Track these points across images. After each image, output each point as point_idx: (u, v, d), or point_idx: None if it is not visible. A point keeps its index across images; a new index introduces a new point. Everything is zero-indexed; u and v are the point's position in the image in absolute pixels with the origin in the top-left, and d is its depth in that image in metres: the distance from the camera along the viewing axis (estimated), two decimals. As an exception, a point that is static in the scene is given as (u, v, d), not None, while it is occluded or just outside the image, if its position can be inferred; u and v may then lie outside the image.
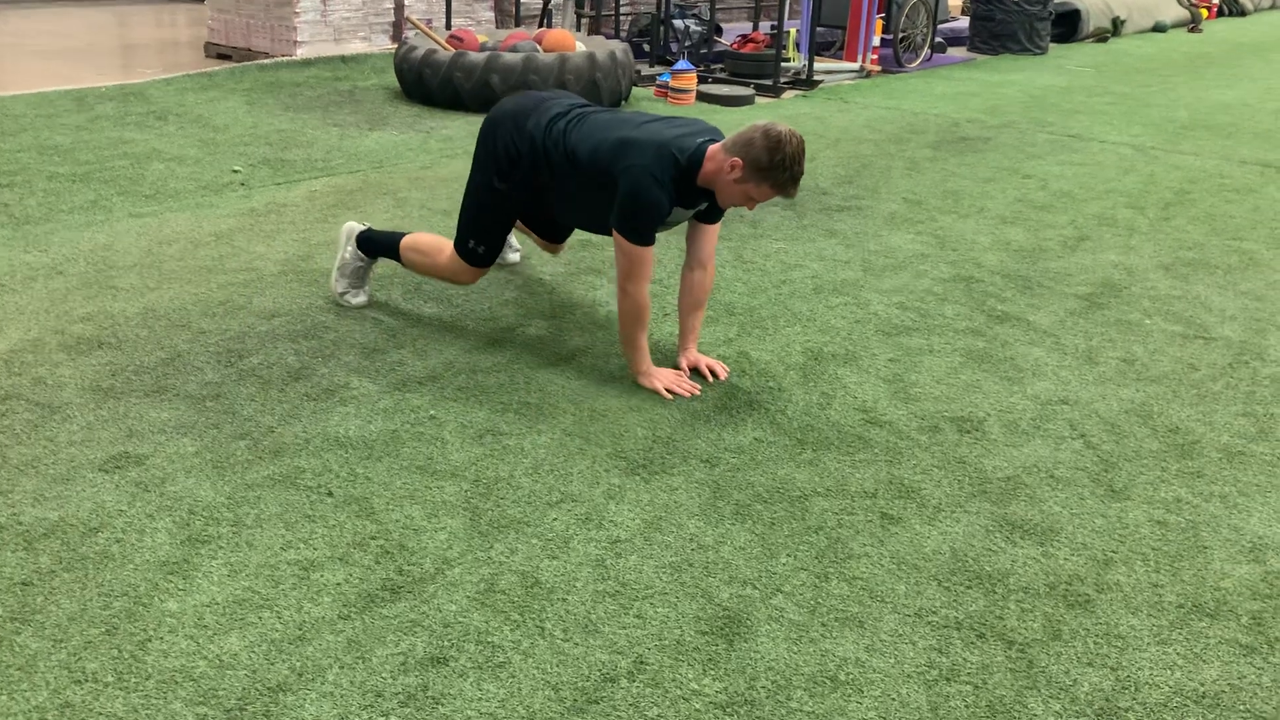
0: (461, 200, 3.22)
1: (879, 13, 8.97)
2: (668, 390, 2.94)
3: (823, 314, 3.61)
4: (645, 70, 8.31)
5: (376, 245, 3.39)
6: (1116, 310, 3.75)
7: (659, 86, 7.58)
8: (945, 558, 2.28)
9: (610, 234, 2.90)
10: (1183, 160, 6.11)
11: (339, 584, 2.10)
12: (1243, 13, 15.96)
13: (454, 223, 4.33)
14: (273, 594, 2.06)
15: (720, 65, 8.54)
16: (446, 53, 6.68)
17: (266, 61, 7.80)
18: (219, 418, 2.73)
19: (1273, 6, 17.23)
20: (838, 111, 7.26)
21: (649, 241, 2.83)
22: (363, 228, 3.43)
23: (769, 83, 7.90)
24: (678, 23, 9.12)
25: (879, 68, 8.99)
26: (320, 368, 3.04)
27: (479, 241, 3.15)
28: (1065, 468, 2.68)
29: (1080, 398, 3.06)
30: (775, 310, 3.61)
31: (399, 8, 8.68)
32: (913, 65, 9.37)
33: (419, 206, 4.62)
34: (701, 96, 7.52)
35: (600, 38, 7.81)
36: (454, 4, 8.98)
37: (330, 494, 2.41)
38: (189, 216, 4.37)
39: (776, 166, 2.68)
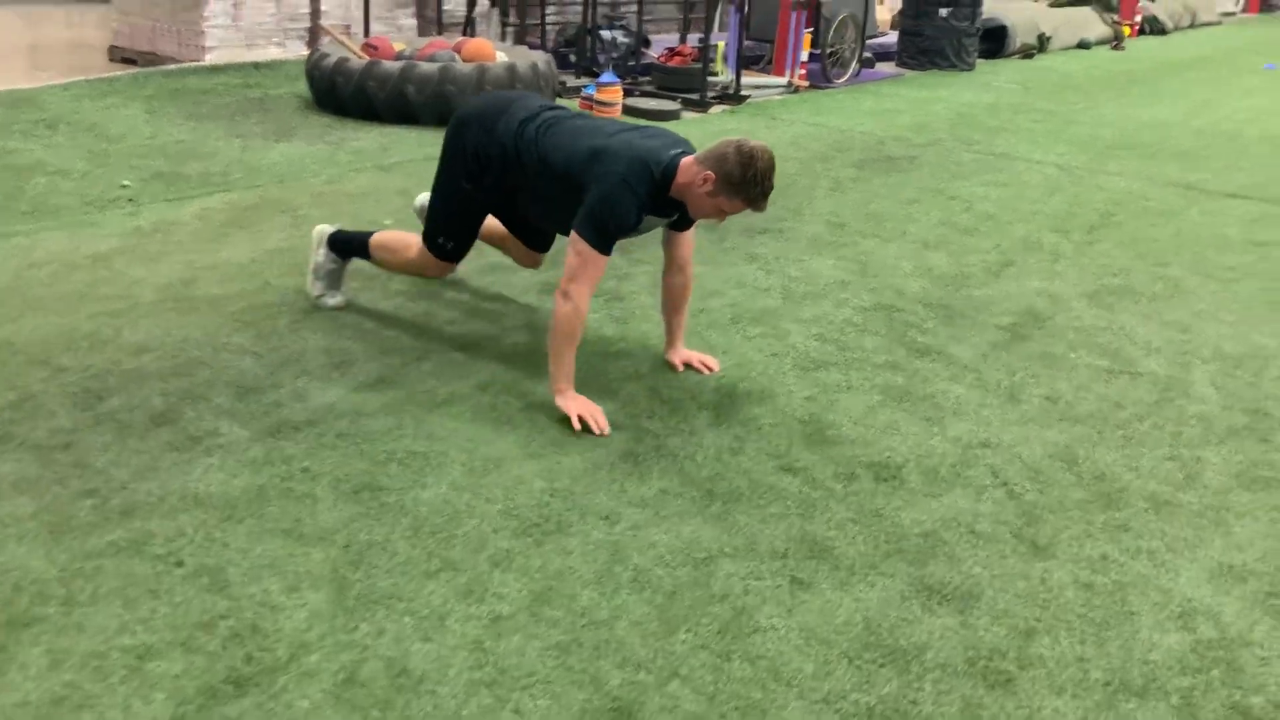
0: (429, 198, 3.24)
1: (807, 27, 8.87)
2: (579, 419, 2.80)
3: (739, 346, 3.43)
4: (571, 82, 8.10)
5: (347, 246, 3.43)
6: (1040, 342, 3.63)
7: (584, 99, 7.37)
8: (858, 629, 2.10)
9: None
10: (1107, 181, 6.07)
11: (176, 676, 1.86)
12: (1163, 31, 16.25)
13: None
14: (97, 690, 1.81)
15: (648, 78, 8.37)
16: (360, 61, 6.41)
17: (172, 67, 7.45)
18: (65, 471, 2.46)
19: (1191, 25, 17.59)
20: (764, 128, 7.12)
21: (607, 250, 2.81)
22: (333, 229, 3.44)
23: (696, 97, 7.75)
24: (605, 34, 8.93)
25: (807, 83, 8.89)
26: (188, 411, 2.78)
27: (448, 237, 3.20)
28: (986, 520, 2.52)
29: (1002, 440, 2.92)
30: (690, 343, 3.41)
31: (315, 13, 8.37)
32: (841, 81, 9.29)
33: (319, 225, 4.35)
34: (627, 110, 7.33)
35: (524, 48, 7.60)
36: (374, 10, 8.69)
37: (180, 563, 2.16)
38: (66, 236, 4.06)
39: (748, 182, 2.72)
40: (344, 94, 6.41)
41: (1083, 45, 13.52)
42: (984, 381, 3.28)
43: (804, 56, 8.89)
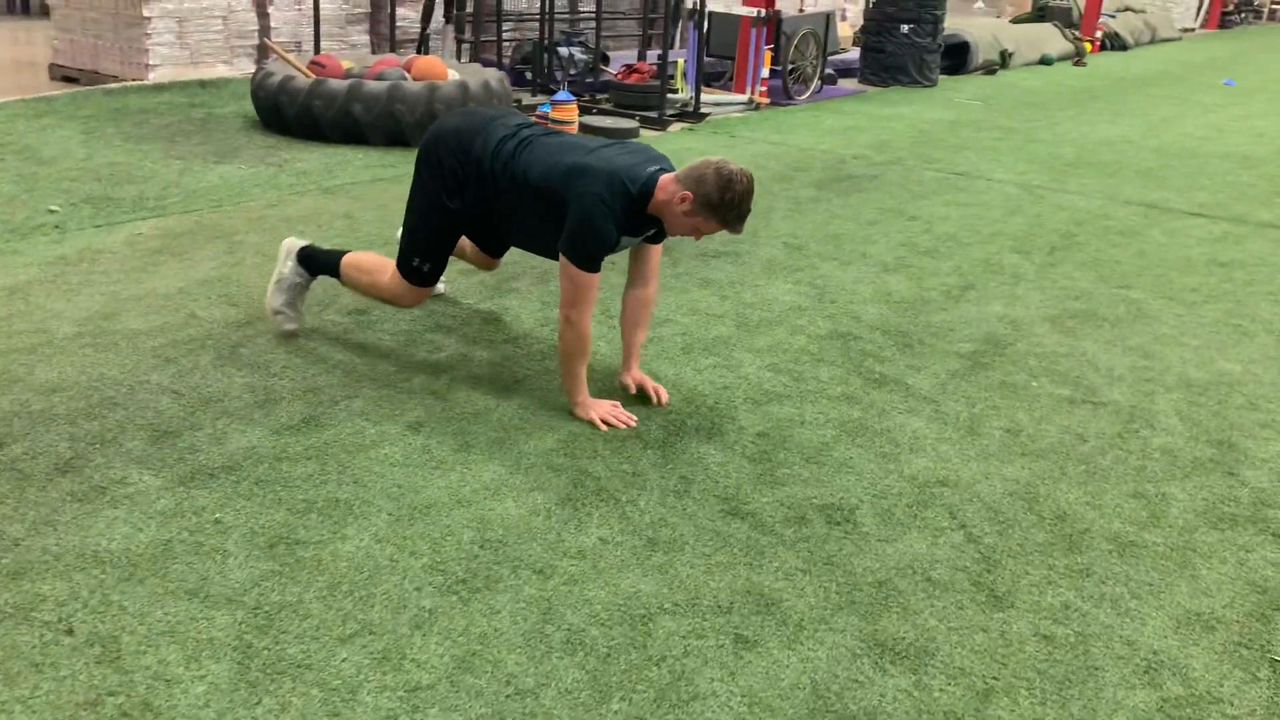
0: (404, 221, 3.17)
1: (767, 43, 8.79)
2: (603, 422, 2.90)
3: (690, 378, 3.28)
4: (528, 100, 7.97)
5: (317, 263, 3.33)
6: (1001, 370, 3.51)
7: (539, 117, 7.23)
8: (804, 694, 1.96)
9: (554, 256, 2.92)
10: (1068, 200, 6.00)
11: (51, 766, 1.68)
12: (1124, 47, 16.37)
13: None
14: (-40, 785, 1.64)
15: (606, 96, 8.25)
16: (305, 80, 6.23)
17: (114, 86, 7.24)
18: (-46, 528, 2.28)
19: (1152, 42, 17.74)
20: (723, 147, 7.01)
21: (596, 269, 2.82)
22: (303, 243, 3.35)
23: (654, 115, 7.63)
24: (562, 50, 8.81)
25: (768, 100, 8.80)
26: (96, 457, 2.60)
27: (424, 259, 3.13)
28: (943, 567, 2.39)
29: (961, 478, 2.79)
30: (648, 371, 3.27)
31: (264, 30, 8.19)
32: (802, 97, 9.22)
33: (254, 252, 4.18)
34: (584, 129, 7.19)
35: (477, 66, 7.45)
36: (326, 27, 8.52)
37: (70, 631, 1.98)
38: (-15, 265, 3.87)
39: (726, 204, 2.73)
40: (289, 114, 6.23)
41: (1044, 61, 13.57)
42: (943, 413, 3.16)
43: (765, 73, 8.81)
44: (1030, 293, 4.33)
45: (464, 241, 3.44)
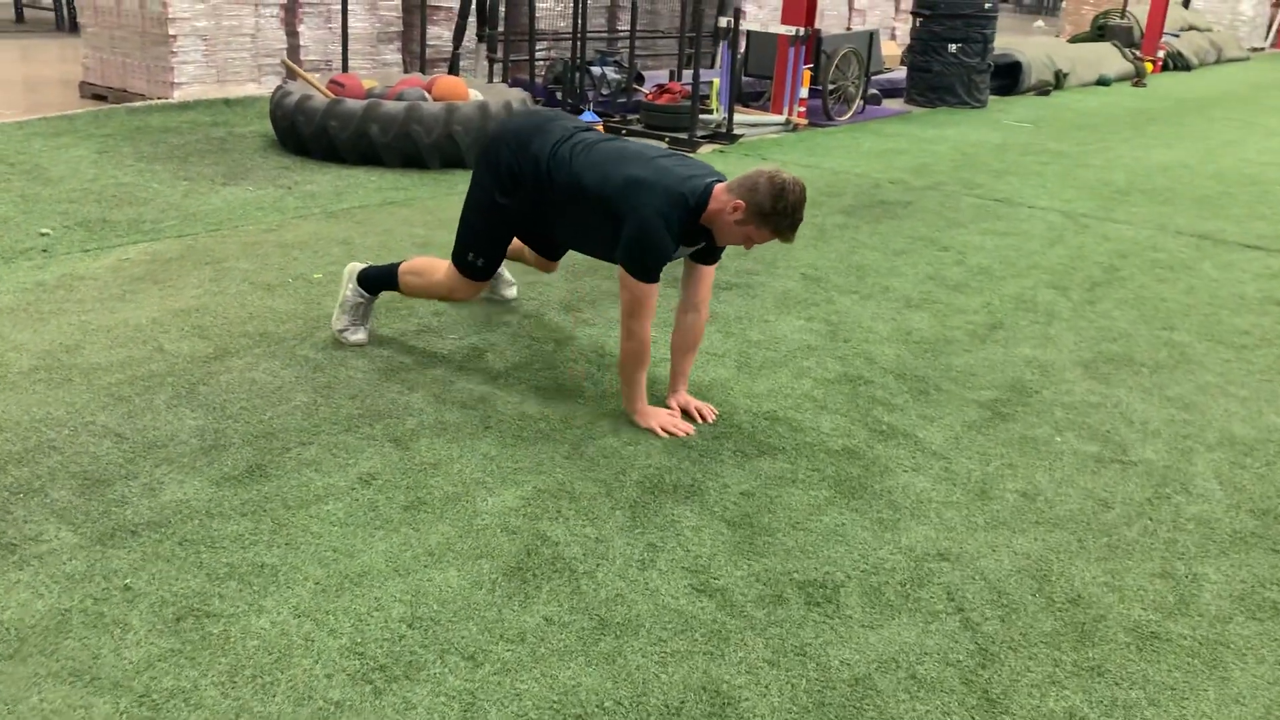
0: (460, 215, 3.23)
1: (806, 63, 8.52)
2: (663, 429, 2.95)
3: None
4: (556, 119, 7.78)
5: (376, 280, 3.42)
6: (1023, 423, 3.21)
7: (563, 138, 7.03)
8: (751, 820, 1.69)
9: (603, 258, 3.06)
10: (1115, 230, 5.64)
11: None
12: (1188, 67, 15.81)
13: (282, 302, 3.73)
14: None
15: (638, 116, 8.04)
16: (323, 99, 6.10)
17: (138, 104, 7.19)
18: None
19: (1217, 62, 17.14)
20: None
21: (655, 279, 2.86)
22: (363, 266, 3.46)
23: (684, 136, 7.39)
24: (595, 69, 8.62)
25: (805, 121, 8.53)
26: (17, 508, 2.41)
27: (478, 254, 3.19)
28: (933, 660, 2.10)
29: (965, 550, 2.50)
30: (620, 421, 3.03)
31: (293, 48, 8.11)
32: (843, 118, 8.92)
33: (240, 280, 4.01)
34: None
35: (503, 86, 7.28)
36: (358, 46, 8.42)
37: (-68, 720, 1.78)
38: (-38, 291, 3.74)
39: (779, 213, 2.76)
40: (305, 134, 6.10)
41: (1102, 82, 13.11)
42: (952, 472, 2.87)
43: (803, 93, 8.53)
44: (1064, 333, 4.01)
45: (522, 245, 3.47)
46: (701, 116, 7.97)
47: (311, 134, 6.08)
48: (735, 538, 2.49)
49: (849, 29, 12.42)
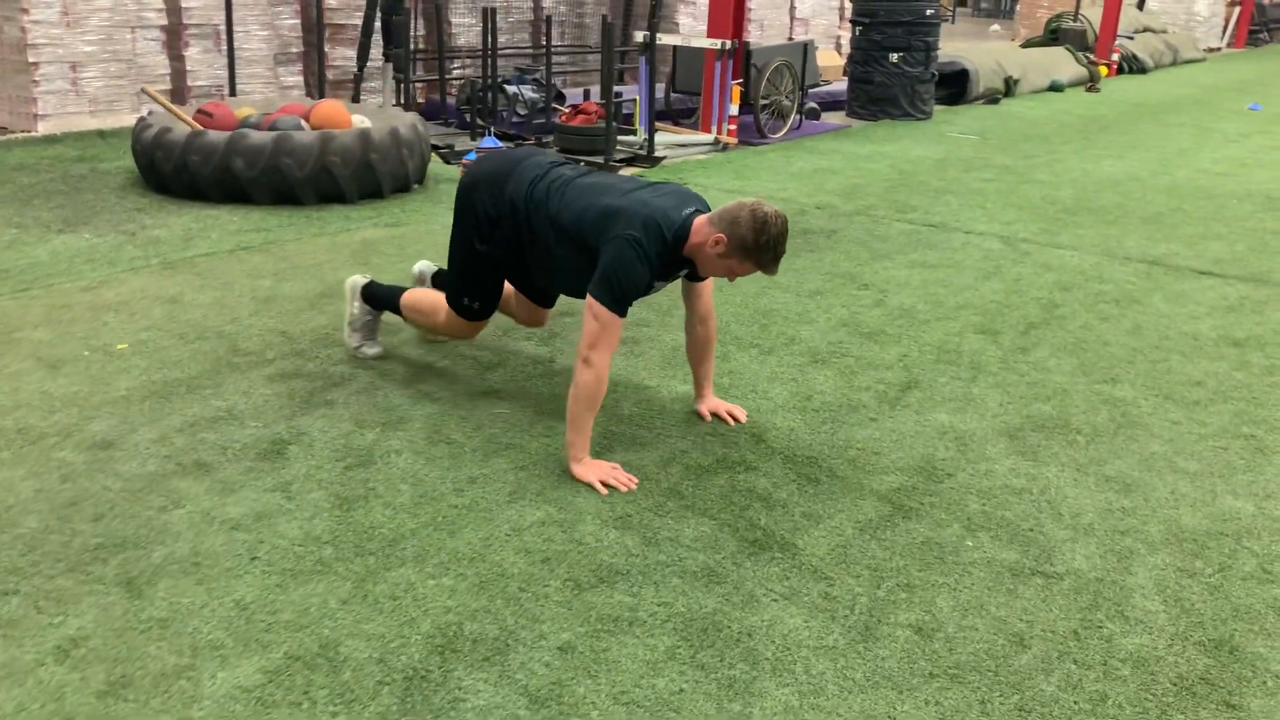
0: (448, 259, 3.22)
1: (735, 78, 7.99)
2: (603, 484, 2.74)
3: (495, 546, 2.45)
4: (463, 145, 7.20)
5: (380, 299, 3.44)
6: (929, 520, 2.65)
7: (464, 166, 6.46)
8: None
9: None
10: (1058, 258, 5.12)
11: None
12: (1143, 70, 15.44)
13: (63, 383, 3.06)
14: None
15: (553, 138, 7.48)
16: (183, 131, 5.49)
17: (-2, 139, 6.55)
18: None
19: (1173, 63, 16.80)
20: (668, 196, 6.19)
21: (624, 312, 2.77)
22: (365, 280, 3.45)
23: (600, 160, 6.84)
24: (510, 88, 8.06)
25: (736, 140, 7.99)
26: None
27: (472, 298, 3.18)
28: None
29: (835, 724, 1.94)
30: (428, 545, 2.44)
31: (178, 72, 7.49)
32: (777, 135, 8.39)
33: (26, 355, 3.40)
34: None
35: (396, 109, 6.69)
36: (255, 69, 7.82)
37: None
38: None
39: (761, 246, 2.70)
40: (164, 169, 5.49)
41: (1055, 87, 12.68)
42: (833, 600, 2.31)
43: (733, 110, 8.00)
44: (989, 392, 3.47)
45: (513, 295, 3.39)
46: (624, 138, 7.43)
47: (171, 170, 5.47)
48: None
49: (790, 39, 11.92)
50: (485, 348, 3.65)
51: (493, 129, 7.28)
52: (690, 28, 10.81)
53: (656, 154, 7.24)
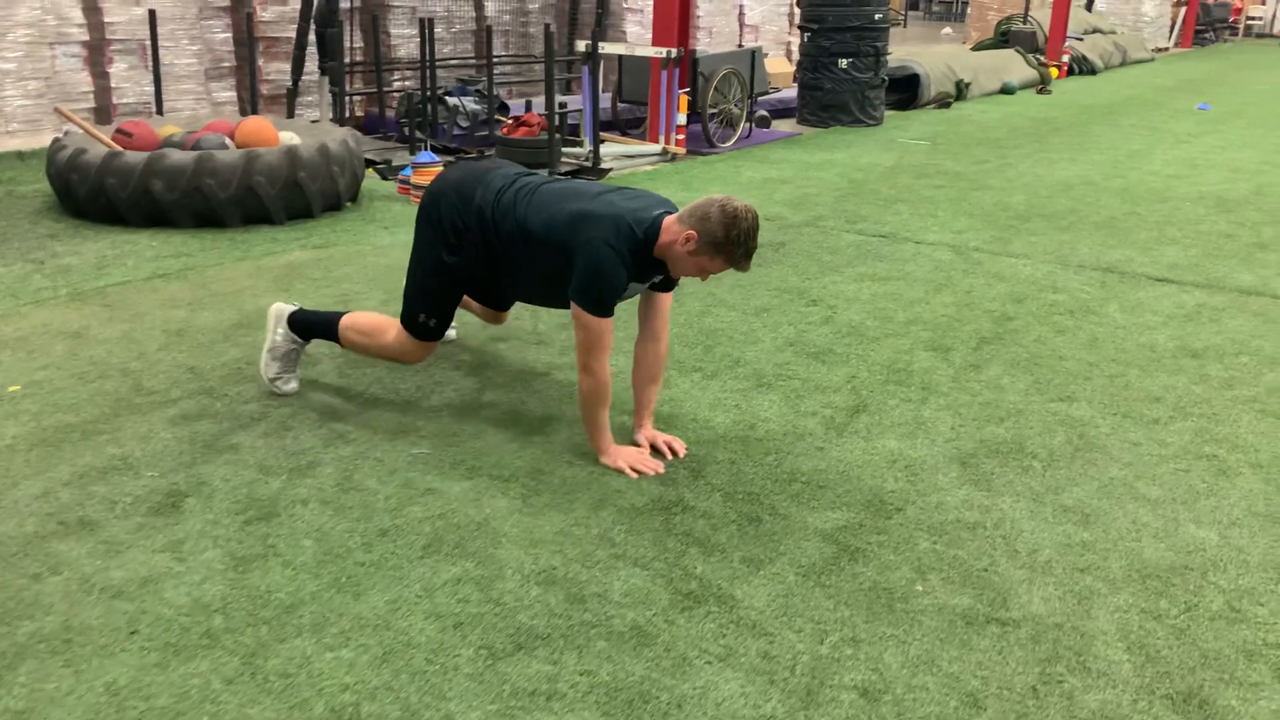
0: (407, 274, 3.12)
1: (681, 87, 7.82)
2: (632, 469, 2.83)
3: (394, 618, 2.23)
4: (400, 160, 6.96)
5: (311, 327, 3.26)
6: (877, 562, 2.47)
7: (401, 183, 6.23)
8: None
9: (560, 306, 2.93)
10: (1010, 267, 4.98)
11: None
12: (1093, 71, 15.49)
13: None
14: None
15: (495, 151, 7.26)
16: (99, 152, 5.22)
17: (-94, 163, 6.23)
18: None
19: (1123, 64, 16.88)
20: (613, 210, 6.00)
21: (609, 313, 2.77)
22: (293, 308, 3.28)
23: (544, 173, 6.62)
24: (452, 100, 7.84)
25: (684, 150, 7.82)
26: None
27: (429, 315, 3.09)
28: None
29: (771, 809, 1.75)
30: (323, 612, 2.22)
31: (103, 89, 7.20)
32: (727, 144, 8.24)
33: (-93, 403, 3.15)
34: (456, 193, 6.18)
35: (330, 124, 6.45)
36: (187, 85, 7.55)
37: None
38: None
39: (732, 241, 2.69)
40: (80, 192, 5.22)
41: (1006, 90, 12.66)
42: (772, 661, 2.11)
43: (681, 119, 7.83)
44: (940, 415, 3.30)
45: (470, 300, 3.39)
46: (569, 150, 7.23)
47: (88, 193, 5.20)
48: (436, 816, 1.70)
49: (740, 46, 11.79)
50: (409, 380, 3.43)
51: (429, 143, 7.04)
52: (638, 36, 10.65)
53: (602, 165, 7.05)
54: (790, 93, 10.51)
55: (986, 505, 2.75)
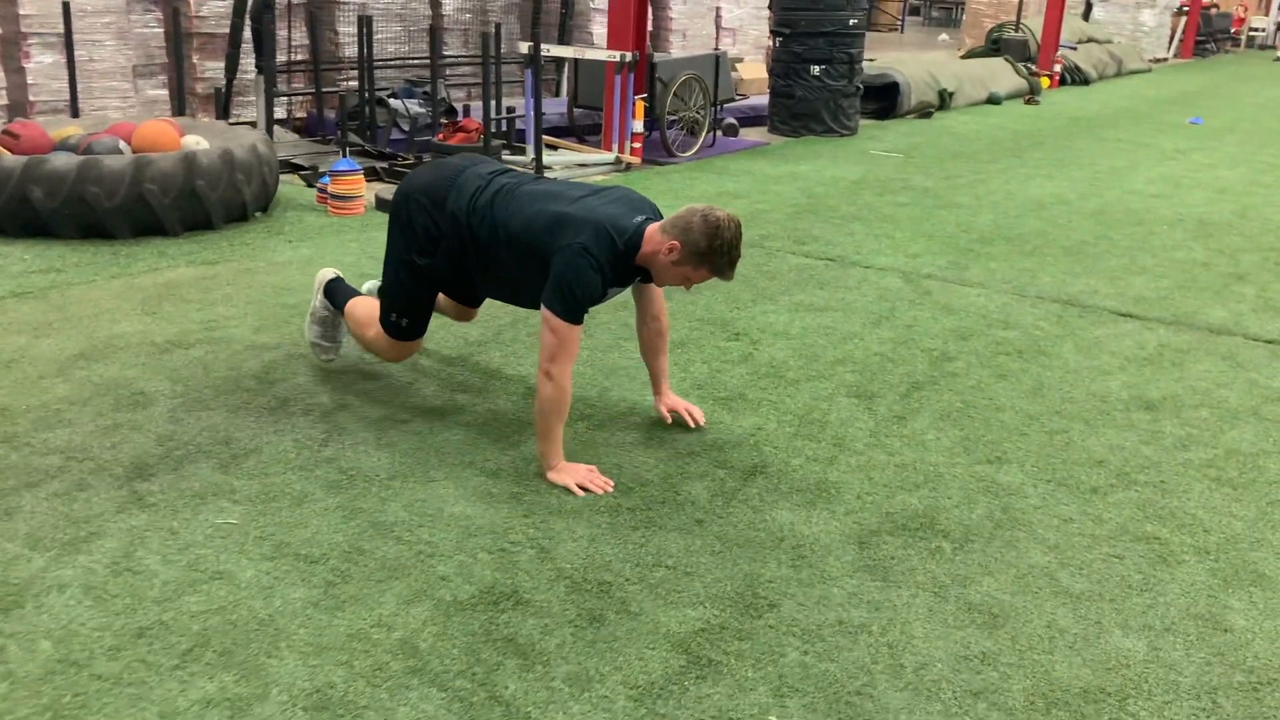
0: (382, 273, 3.13)
1: (638, 92, 7.40)
2: (580, 487, 2.73)
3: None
4: (326, 166, 6.54)
5: (337, 298, 3.33)
6: (730, 680, 2.05)
7: (320, 192, 5.81)
8: None
9: (534, 306, 2.84)
10: (962, 297, 4.56)
11: None
12: (1086, 81, 15.07)
13: None
14: None
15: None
16: (-23, 157, 4.81)
17: None
18: None
19: (1118, 74, 16.45)
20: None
21: (579, 321, 2.72)
22: (332, 275, 3.38)
23: (478, 183, 6.21)
24: (395, 103, 7.43)
25: (640, 159, 7.40)
26: None
27: (401, 315, 3.08)
28: None
29: None
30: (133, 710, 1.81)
31: (17, 86, 6.78)
32: (688, 154, 7.81)
33: None
34: (385, 204, 5.77)
35: (244, 128, 6.03)
36: (111, 83, 7.13)
37: None
38: None
39: (715, 251, 2.68)
40: (-47, 201, 4.81)
41: (993, 100, 12.24)
42: (567, 821, 1.70)
43: (637, 127, 7.41)
44: (848, 479, 2.87)
45: (441, 299, 3.34)
46: (513, 157, 6.82)
47: (-38, 201, 4.79)
48: None
49: (717, 50, 11.37)
50: (247, 428, 3.01)
51: (348, 150, 6.61)
52: (604, 38, 10.23)
53: (549, 175, 6.63)
54: (760, 100, 10.09)
55: (878, 601, 2.33)
